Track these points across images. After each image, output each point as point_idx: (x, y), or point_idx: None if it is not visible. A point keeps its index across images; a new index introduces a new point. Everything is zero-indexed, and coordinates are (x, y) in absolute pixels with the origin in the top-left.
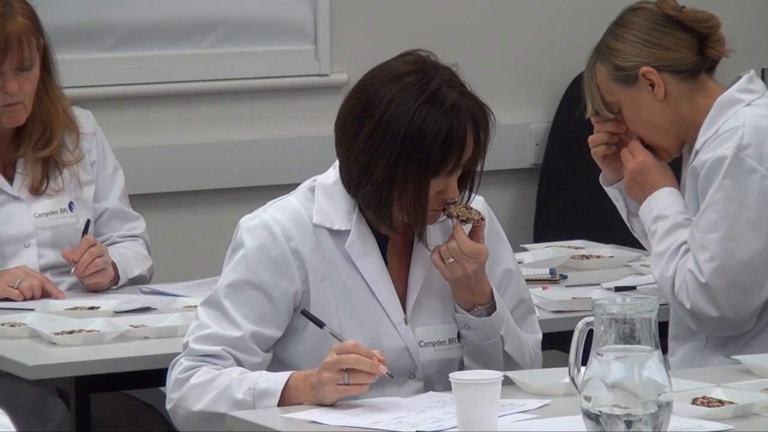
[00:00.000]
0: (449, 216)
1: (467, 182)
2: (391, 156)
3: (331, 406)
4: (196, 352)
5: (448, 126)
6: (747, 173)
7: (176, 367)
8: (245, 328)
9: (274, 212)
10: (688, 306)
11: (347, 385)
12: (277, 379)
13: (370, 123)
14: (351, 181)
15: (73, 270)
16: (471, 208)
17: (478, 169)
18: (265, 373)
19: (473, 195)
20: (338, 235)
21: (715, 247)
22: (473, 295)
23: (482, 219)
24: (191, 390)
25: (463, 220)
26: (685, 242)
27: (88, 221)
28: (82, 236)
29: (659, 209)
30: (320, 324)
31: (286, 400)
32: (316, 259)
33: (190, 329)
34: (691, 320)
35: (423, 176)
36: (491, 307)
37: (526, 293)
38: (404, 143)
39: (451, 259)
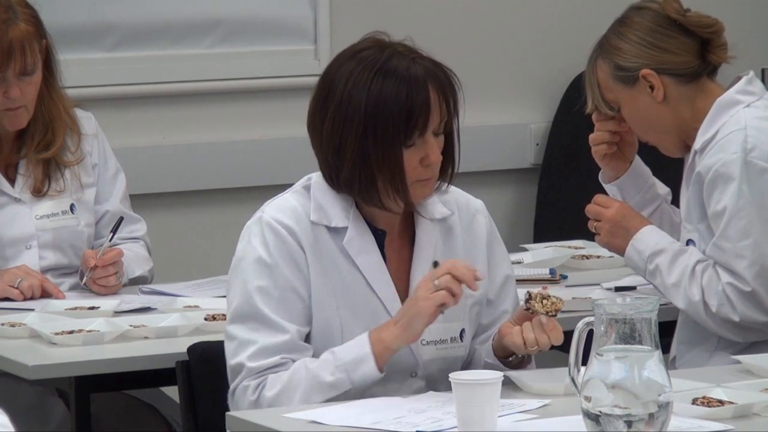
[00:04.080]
0: (534, 312)
1: (450, 150)
2: (358, 129)
3: (331, 406)
4: (256, 370)
5: (406, 90)
6: (759, 174)
7: (245, 393)
8: (290, 328)
9: (274, 213)
10: (737, 319)
11: (438, 291)
12: (358, 344)
13: (333, 104)
14: (330, 170)
15: (88, 273)
16: (549, 296)
17: (457, 129)
18: (333, 350)
19: (456, 164)
20: (336, 232)
21: (752, 253)
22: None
23: (560, 301)
24: (275, 400)
25: (552, 315)
26: (697, 263)
27: (121, 219)
28: (112, 232)
29: (651, 247)
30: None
31: (377, 356)
32: (316, 256)
33: (232, 351)
34: (735, 333)
35: (393, 144)
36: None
37: (517, 299)
38: (367, 115)
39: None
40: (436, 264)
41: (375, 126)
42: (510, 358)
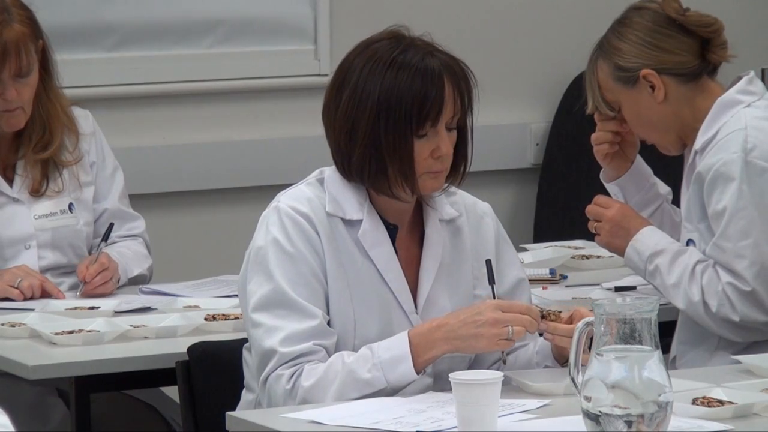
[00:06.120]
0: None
1: (463, 147)
2: (371, 114)
3: (331, 406)
4: (289, 356)
5: (420, 80)
6: (759, 174)
7: (279, 381)
8: (318, 313)
9: (291, 202)
10: (736, 319)
11: (508, 339)
12: (397, 344)
13: (348, 90)
14: (342, 157)
15: (81, 288)
16: (549, 312)
17: (470, 126)
18: (372, 346)
19: (469, 161)
20: (350, 224)
21: (752, 253)
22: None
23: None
24: (310, 392)
25: (544, 316)
26: (697, 263)
27: (111, 225)
28: (102, 240)
29: (651, 247)
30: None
31: (417, 359)
32: (331, 246)
33: (259, 337)
34: (735, 333)
35: (404, 132)
36: None
37: (530, 301)
38: (380, 101)
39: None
40: (489, 262)
41: (387, 112)
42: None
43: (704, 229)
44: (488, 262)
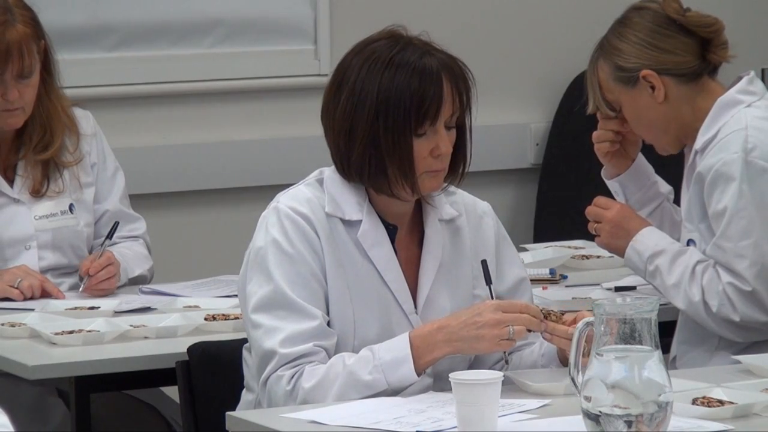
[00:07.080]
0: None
1: (463, 146)
2: (370, 113)
3: (331, 406)
4: (289, 357)
5: (418, 79)
6: (760, 174)
7: (279, 382)
8: (318, 314)
9: (290, 202)
10: (737, 319)
11: (509, 339)
12: (398, 346)
13: (346, 90)
14: (342, 157)
15: (84, 283)
16: (559, 315)
17: (469, 125)
18: (373, 347)
19: (468, 160)
20: (350, 225)
21: (752, 252)
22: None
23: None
24: (311, 393)
25: (545, 316)
26: (697, 263)
27: (117, 223)
28: (107, 238)
29: (651, 248)
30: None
31: (418, 361)
32: (331, 247)
33: (258, 338)
34: (736, 333)
35: (403, 131)
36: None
37: (532, 301)
38: (378, 101)
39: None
40: (485, 263)
41: (386, 111)
42: None
43: (705, 229)
44: (484, 263)
